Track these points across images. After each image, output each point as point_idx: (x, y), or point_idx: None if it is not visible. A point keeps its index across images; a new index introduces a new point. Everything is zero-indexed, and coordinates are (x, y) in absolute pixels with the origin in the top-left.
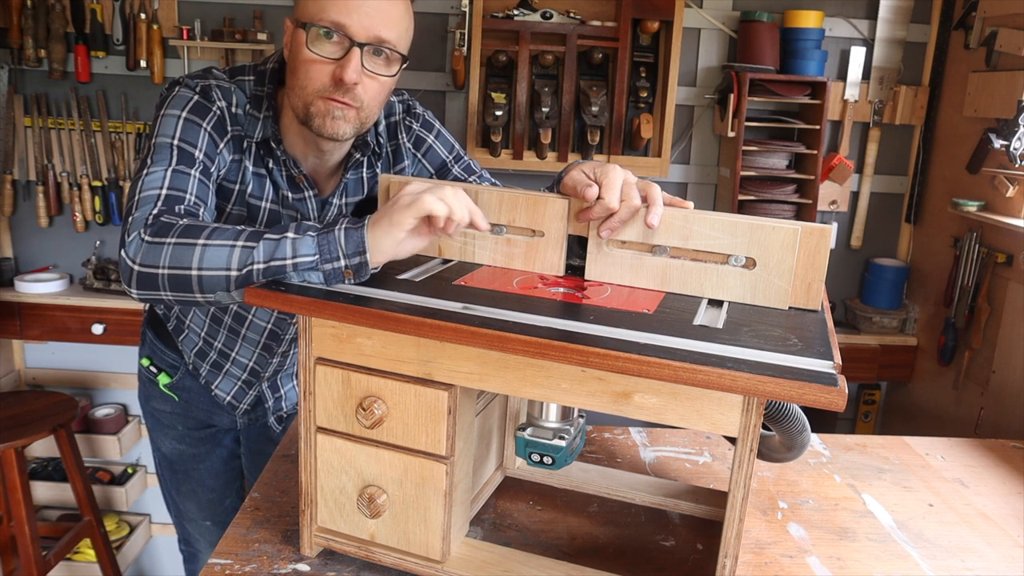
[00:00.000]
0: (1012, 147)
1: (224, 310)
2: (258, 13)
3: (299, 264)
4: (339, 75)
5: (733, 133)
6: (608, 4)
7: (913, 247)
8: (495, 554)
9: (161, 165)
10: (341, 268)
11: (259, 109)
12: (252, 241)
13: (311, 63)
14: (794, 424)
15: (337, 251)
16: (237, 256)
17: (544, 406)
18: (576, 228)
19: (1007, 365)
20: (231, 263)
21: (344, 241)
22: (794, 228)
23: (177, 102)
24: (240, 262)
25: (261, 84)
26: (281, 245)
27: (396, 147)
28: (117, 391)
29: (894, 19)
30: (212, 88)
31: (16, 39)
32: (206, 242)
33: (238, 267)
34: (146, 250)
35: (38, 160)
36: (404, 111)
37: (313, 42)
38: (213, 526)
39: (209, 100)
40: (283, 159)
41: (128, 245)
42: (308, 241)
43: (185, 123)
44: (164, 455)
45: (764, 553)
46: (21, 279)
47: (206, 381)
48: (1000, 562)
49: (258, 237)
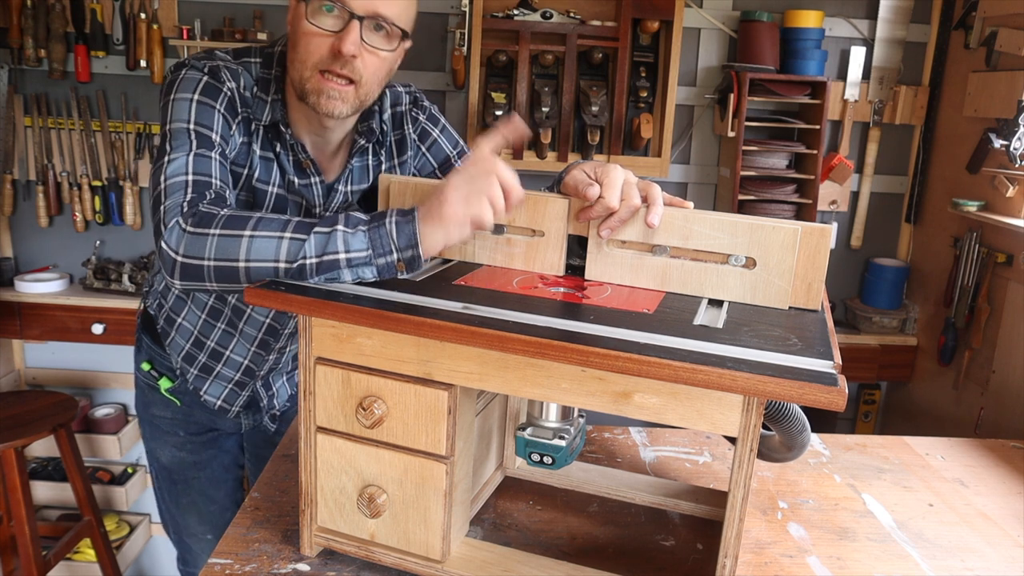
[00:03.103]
0: (1012, 147)
1: (223, 300)
2: (258, 13)
3: (352, 260)
4: (337, 47)
5: (733, 133)
6: (608, 4)
7: (913, 247)
8: (495, 554)
9: (182, 151)
10: (394, 261)
11: (267, 92)
12: (302, 233)
13: (310, 36)
14: (794, 424)
15: (390, 244)
16: (286, 248)
17: (544, 406)
18: (576, 228)
19: (1007, 365)
20: (279, 255)
21: (396, 234)
22: (794, 228)
23: (187, 84)
24: (290, 254)
25: (268, 67)
26: (332, 239)
27: (401, 137)
28: (117, 391)
29: (894, 19)
30: (221, 69)
31: (16, 39)
32: (253, 233)
33: (287, 259)
34: (189, 241)
35: (38, 160)
36: (411, 103)
37: (313, 15)
38: (216, 540)
39: (219, 81)
40: (291, 143)
41: (168, 235)
42: (360, 236)
43: (198, 106)
44: (163, 465)
45: (764, 553)
46: (21, 279)
47: (194, 387)
48: (1000, 562)
49: (308, 229)
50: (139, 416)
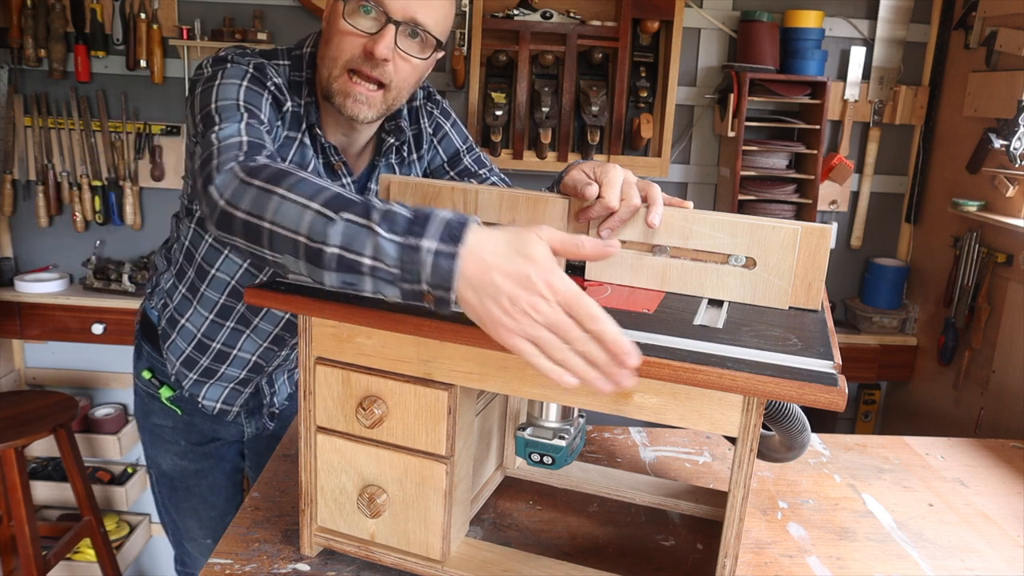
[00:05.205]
0: (1012, 147)
1: (236, 297)
2: (258, 13)
3: (377, 270)
4: (371, 48)
5: (733, 133)
6: (608, 4)
7: (913, 247)
8: (495, 554)
9: (233, 121)
10: (422, 292)
11: (300, 95)
12: (331, 209)
13: (345, 34)
14: (794, 424)
15: (420, 275)
16: (309, 221)
17: (544, 406)
18: (576, 228)
19: (1007, 365)
20: (300, 226)
21: (431, 271)
22: (794, 228)
23: (233, 73)
24: (311, 230)
25: (299, 69)
26: (362, 236)
27: (418, 132)
28: (117, 391)
29: (894, 19)
30: (265, 66)
31: (16, 39)
32: (285, 193)
33: (308, 235)
34: (236, 188)
35: (38, 160)
36: (425, 97)
37: (350, 14)
38: (215, 544)
39: (264, 76)
40: (324, 145)
41: (219, 177)
42: (392, 247)
43: (247, 91)
44: (163, 472)
45: (764, 553)
46: (21, 279)
47: (190, 394)
48: (1000, 562)
49: (339, 206)
50: (139, 424)
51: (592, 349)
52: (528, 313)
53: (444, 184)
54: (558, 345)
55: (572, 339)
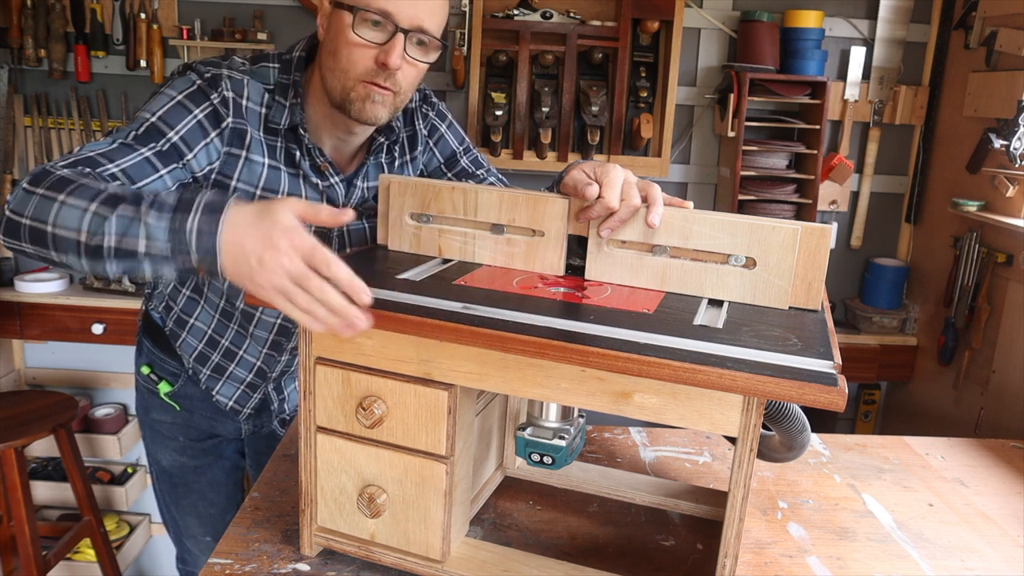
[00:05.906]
0: (1012, 147)
1: (232, 302)
2: (258, 13)
3: (151, 253)
4: (383, 60)
5: (733, 133)
6: (608, 4)
7: (913, 247)
8: (495, 554)
9: (119, 136)
10: (194, 267)
11: (285, 96)
12: (106, 208)
13: (354, 47)
14: (794, 424)
15: (189, 251)
16: (88, 221)
17: (544, 406)
18: (576, 228)
19: (1007, 365)
20: (82, 226)
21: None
22: (794, 228)
23: (179, 84)
24: (90, 229)
25: (287, 72)
26: (135, 225)
27: (412, 133)
28: (117, 391)
29: (894, 19)
30: (222, 78)
31: (16, 39)
32: (64, 199)
33: (87, 233)
34: (20, 197)
35: (38, 160)
36: (421, 99)
37: (359, 27)
38: (214, 542)
39: (214, 89)
40: (308, 147)
41: (13, 190)
42: (162, 227)
43: (175, 105)
44: (163, 468)
45: (764, 553)
46: (21, 279)
47: (207, 387)
48: (1000, 562)
49: (114, 205)
50: (139, 420)
51: (330, 296)
52: (274, 269)
53: (444, 184)
54: (303, 295)
55: (312, 287)
